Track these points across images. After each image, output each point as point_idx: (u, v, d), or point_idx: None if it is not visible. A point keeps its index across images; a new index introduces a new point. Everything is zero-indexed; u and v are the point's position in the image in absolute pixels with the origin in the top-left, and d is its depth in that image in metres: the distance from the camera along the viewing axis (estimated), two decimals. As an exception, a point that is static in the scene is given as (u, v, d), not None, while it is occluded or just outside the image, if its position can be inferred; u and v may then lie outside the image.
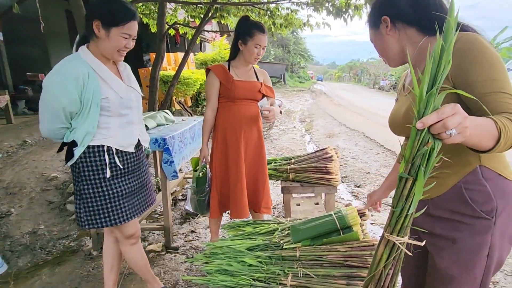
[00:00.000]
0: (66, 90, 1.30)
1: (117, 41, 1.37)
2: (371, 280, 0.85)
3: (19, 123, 5.42)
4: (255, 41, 1.90)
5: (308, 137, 6.90)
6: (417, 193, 0.71)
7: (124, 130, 1.49)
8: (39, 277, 2.09)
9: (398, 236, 0.76)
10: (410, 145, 0.70)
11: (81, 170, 1.42)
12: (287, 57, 30.84)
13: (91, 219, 1.46)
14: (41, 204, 3.03)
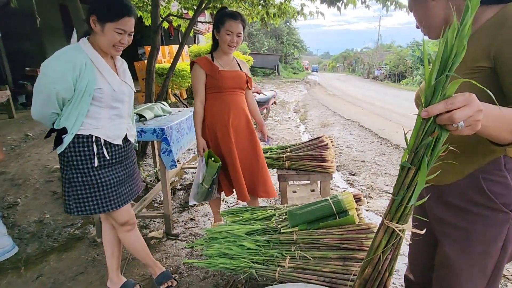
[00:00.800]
0: (63, 76, 1.30)
1: (111, 36, 1.36)
2: (369, 263, 0.84)
3: (20, 117, 5.34)
4: (226, 27, 1.88)
5: (303, 127, 6.89)
6: (420, 183, 0.67)
7: (113, 123, 1.48)
8: (47, 263, 2.09)
9: (398, 224, 0.74)
10: (414, 134, 0.66)
11: (70, 159, 1.41)
12: (280, 48, 30.45)
13: (80, 206, 1.46)
14: (45, 194, 3.01)
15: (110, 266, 1.75)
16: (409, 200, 0.72)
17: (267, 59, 23.69)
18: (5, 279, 1.95)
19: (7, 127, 4.71)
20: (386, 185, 3.33)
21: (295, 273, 1.24)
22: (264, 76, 22.64)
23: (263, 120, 2.20)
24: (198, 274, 1.90)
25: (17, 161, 3.60)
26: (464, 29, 0.58)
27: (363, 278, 0.87)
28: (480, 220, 0.82)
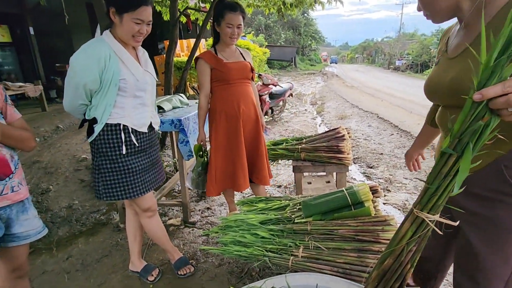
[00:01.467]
0: (89, 68, 1.33)
1: (129, 27, 1.37)
2: (391, 254, 0.79)
3: (52, 110, 5.58)
4: (226, 20, 1.84)
5: (320, 119, 6.75)
6: (462, 171, 0.61)
7: (137, 111, 1.51)
8: (76, 245, 2.20)
9: (429, 214, 0.68)
10: (461, 119, 0.60)
11: (100, 147, 1.46)
12: (298, 39, 29.70)
13: (108, 192, 1.51)
14: (74, 182, 3.14)
15: (132, 250, 1.80)
16: (444, 190, 0.65)
17: (284, 51, 23.29)
18: (39, 258, 2.06)
19: (40, 119, 4.94)
20: (406, 178, 3.20)
21: (309, 262, 1.21)
22: (280, 68, 22.33)
23: (261, 111, 2.16)
24: (213, 261, 1.92)
25: (49, 151, 3.77)
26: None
27: (382, 269, 0.81)
28: (505, 207, 0.78)
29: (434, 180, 0.66)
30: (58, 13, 6.52)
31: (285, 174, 3.40)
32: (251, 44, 12.03)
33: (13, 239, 1.18)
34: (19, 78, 6.70)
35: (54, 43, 7.73)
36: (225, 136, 2.01)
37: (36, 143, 1.22)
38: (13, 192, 1.14)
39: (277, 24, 27.83)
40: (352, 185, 1.43)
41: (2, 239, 1.15)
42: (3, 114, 1.15)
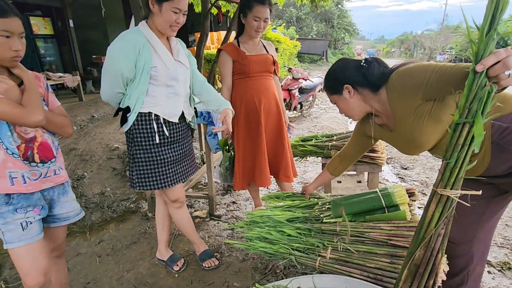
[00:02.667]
0: (126, 56, 1.38)
1: (168, 16, 1.40)
2: (421, 244, 0.76)
3: (88, 100, 5.91)
4: (254, 13, 1.81)
5: (351, 115, 6.55)
6: (477, 136, 0.68)
7: (169, 101, 1.54)
8: (107, 231, 2.33)
9: (452, 190, 0.72)
10: (467, 90, 0.69)
11: (134, 136, 1.52)
12: (330, 32, 28.75)
13: (142, 182, 1.57)
14: (107, 170, 3.32)
15: (160, 238, 1.87)
16: (463, 162, 0.70)
17: (315, 44, 22.75)
18: (74, 240, 2.21)
19: (77, 109, 5.26)
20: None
21: (337, 264, 1.18)
22: (311, 62, 21.87)
23: (284, 107, 2.12)
24: (238, 256, 1.94)
25: (84, 139, 4.01)
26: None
27: (414, 264, 0.78)
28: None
29: (452, 153, 0.71)
30: (95, 6, 6.86)
31: (313, 171, 3.35)
32: (282, 37, 11.89)
33: (54, 220, 1.28)
34: (59, 69, 7.16)
35: (91, 35, 8.15)
36: (246, 130, 2.01)
37: (73, 129, 1.30)
38: (55, 175, 1.24)
39: (309, 16, 27.20)
40: (387, 187, 1.37)
41: (45, 220, 1.25)
42: (45, 101, 1.23)
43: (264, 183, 2.02)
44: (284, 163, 2.07)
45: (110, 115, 5.26)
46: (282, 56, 11.05)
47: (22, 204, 1.13)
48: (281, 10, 25.57)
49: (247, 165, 2.07)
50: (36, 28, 6.93)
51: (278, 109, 2.05)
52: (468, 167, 0.72)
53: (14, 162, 1.10)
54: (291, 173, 2.11)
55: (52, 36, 7.43)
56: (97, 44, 8.18)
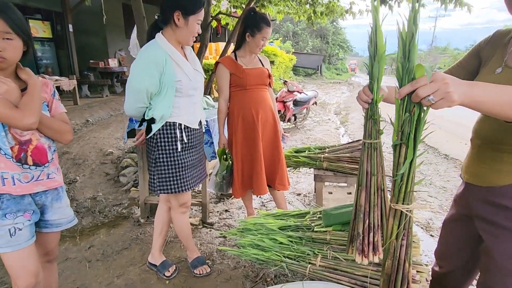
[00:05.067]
0: (149, 73, 1.45)
1: (193, 28, 1.50)
2: (387, 255, 0.83)
3: (83, 104, 5.90)
4: (263, 34, 1.96)
5: (343, 129, 6.66)
6: (408, 157, 0.75)
7: (190, 109, 1.62)
8: (98, 236, 2.31)
9: (403, 205, 0.78)
10: (397, 115, 0.75)
11: (158, 141, 1.57)
12: (325, 48, 29.46)
13: (163, 185, 1.61)
14: (99, 175, 3.31)
15: (155, 243, 1.88)
16: (408, 178, 0.76)
17: (310, 58, 23.19)
18: (63, 245, 2.19)
19: (72, 112, 5.24)
20: (430, 196, 3.10)
21: (326, 272, 1.22)
22: (306, 76, 22.25)
23: (278, 118, 2.21)
24: (229, 263, 1.96)
25: (78, 143, 4.00)
26: (411, 22, 0.69)
27: (386, 274, 0.85)
28: None
29: (397, 171, 0.78)
30: (96, 12, 6.92)
31: (305, 182, 3.40)
32: (278, 51, 12.13)
33: (46, 225, 1.27)
34: (55, 72, 7.15)
35: (89, 41, 8.19)
36: (243, 140, 2.07)
37: (72, 137, 1.31)
38: (48, 179, 1.22)
39: (305, 31, 27.86)
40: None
41: (37, 224, 1.24)
42: (49, 107, 1.25)
43: (261, 191, 2.06)
44: (279, 172, 2.13)
45: (105, 120, 5.26)
46: (278, 69, 11.23)
47: (11, 209, 1.12)
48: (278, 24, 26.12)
49: (246, 174, 2.12)
50: (34, 31, 6.95)
51: (275, 120, 2.12)
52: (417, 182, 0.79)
53: (6, 162, 1.10)
54: (286, 181, 2.16)
55: (50, 40, 7.44)
56: (96, 50, 8.22)
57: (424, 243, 2.15)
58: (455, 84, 0.64)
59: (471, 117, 1.03)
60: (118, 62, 7.69)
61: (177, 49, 1.54)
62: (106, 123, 4.99)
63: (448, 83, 0.63)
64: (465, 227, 1.01)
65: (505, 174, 0.83)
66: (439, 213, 2.72)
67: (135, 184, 3.04)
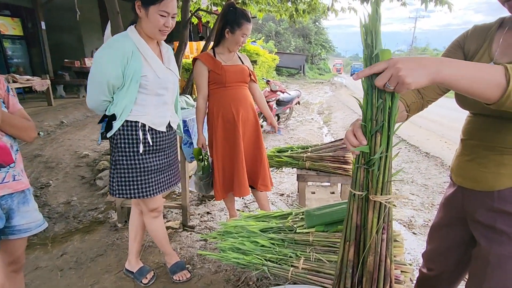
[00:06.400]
0: (113, 64, 1.35)
1: (155, 20, 1.38)
2: (369, 251, 0.81)
3: (57, 105, 5.64)
4: (243, 30, 1.89)
5: (326, 129, 6.72)
6: (383, 143, 0.73)
7: (158, 110, 1.52)
8: (71, 242, 2.19)
9: (382, 196, 0.77)
10: (365, 103, 0.74)
11: (118, 142, 1.47)
12: (307, 48, 29.74)
13: (122, 189, 1.51)
14: (74, 178, 3.15)
15: (131, 249, 1.79)
16: (384, 168, 0.75)
17: (293, 58, 23.37)
18: (33, 253, 2.05)
19: (45, 114, 4.99)
20: (412, 194, 3.15)
21: (309, 275, 1.19)
22: (289, 75, 22.40)
23: (270, 112, 2.18)
24: (210, 267, 1.89)
25: (51, 145, 3.80)
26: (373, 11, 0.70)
27: (368, 272, 0.81)
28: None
29: (374, 162, 0.76)
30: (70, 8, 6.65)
31: (289, 182, 3.38)
32: (261, 50, 12.10)
33: (13, 231, 1.17)
34: (27, 72, 6.80)
35: (64, 39, 7.86)
36: (223, 140, 2.01)
37: (37, 134, 1.22)
38: (14, 181, 1.14)
39: (287, 31, 28.02)
40: (358, 197, 1.40)
41: (3, 232, 1.14)
42: (5, 103, 1.16)
43: (242, 193, 2.00)
44: (262, 172, 2.08)
45: (80, 121, 5.04)
46: (260, 69, 11.21)
47: None
48: (260, 24, 26.13)
49: (227, 176, 2.06)
50: (3, 28, 6.59)
51: (256, 118, 2.07)
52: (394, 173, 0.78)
53: None
54: (269, 181, 2.12)
55: (21, 38, 7.08)
56: (71, 48, 7.89)
57: (407, 242, 2.17)
58: (410, 67, 0.62)
59: (451, 116, 1.02)
60: (95, 61, 7.41)
61: (150, 44, 1.46)
62: (82, 124, 4.78)
63: (399, 68, 0.62)
64: (456, 230, 0.98)
65: (505, 177, 0.79)
66: (420, 211, 2.76)
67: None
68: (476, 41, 0.90)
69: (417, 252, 2.11)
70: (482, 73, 0.63)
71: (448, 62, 0.64)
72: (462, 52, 0.93)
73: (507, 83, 0.61)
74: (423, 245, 2.21)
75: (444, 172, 3.81)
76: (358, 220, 0.84)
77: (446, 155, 4.44)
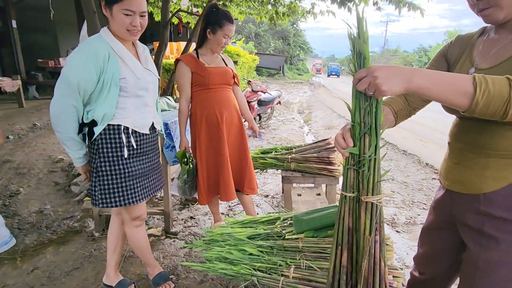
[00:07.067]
0: (85, 66, 1.25)
1: (120, 19, 1.27)
2: (363, 255, 0.78)
3: (30, 107, 5.27)
4: (225, 31, 1.82)
5: (307, 128, 6.73)
6: (372, 142, 0.76)
7: (139, 111, 1.42)
8: (44, 255, 1.99)
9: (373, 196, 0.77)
10: (354, 106, 0.77)
11: (100, 148, 1.36)
12: (286, 49, 30.02)
13: (105, 198, 1.39)
14: (47, 184, 2.92)
15: (110, 261, 1.65)
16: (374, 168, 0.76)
17: (273, 59, 23.45)
18: (0, 269, 1.84)
19: (16, 116, 4.64)
20: (393, 191, 3.17)
21: (300, 285, 1.11)
22: (269, 76, 22.44)
23: (252, 116, 2.11)
24: (195, 277, 1.78)
25: (23, 150, 3.51)
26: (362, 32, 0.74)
27: (363, 277, 0.78)
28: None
29: (364, 163, 0.77)
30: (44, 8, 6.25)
31: (273, 183, 3.30)
32: (241, 51, 12.01)
33: None
34: (-4, 72, 6.33)
35: (38, 38, 7.39)
36: (208, 143, 1.92)
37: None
38: None
39: (267, 33, 28.10)
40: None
41: None
42: None
43: (229, 197, 1.92)
44: (248, 175, 2.00)
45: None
46: (241, 69, 11.12)
47: None
48: (240, 25, 26.03)
49: (211, 179, 1.97)
50: (-31, 26, 6.08)
51: (240, 120, 1.99)
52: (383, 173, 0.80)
53: None
54: (255, 184, 2.04)
55: (-10, 36, 6.58)
56: (45, 48, 7.44)
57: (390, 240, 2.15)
58: (385, 75, 0.67)
59: (428, 115, 0.99)
60: (70, 61, 7.01)
61: (125, 45, 1.36)
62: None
63: (376, 76, 0.67)
64: (446, 234, 0.96)
65: (491, 180, 0.78)
66: (402, 208, 2.77)
67: (89, 194, 2.72)
68: (458, 49, 0.92)
69: (402, 251, 2.10)
70: (452, 83, 0.67)
71: (421, 72, 0.68)
72: (445, 60, 0.95)
73: (474, 91, 0.64)
74: (407, 243, 2.21)
75: (421, 169, 3.88)
76: (350, 222, 0.82)
77: (423, 153, 4.54)
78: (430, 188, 3.23)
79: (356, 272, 0.80)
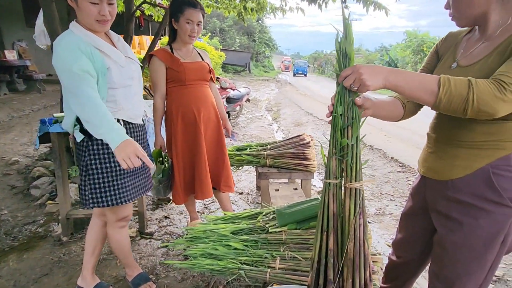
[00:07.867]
0: (75, 53, 1.18)
1: (87, 9, 1.21)
2: (348, 238, 0.84)
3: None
4: (186, 16, 1.74)
5: (276, 125, 6.88)
6: (354, 133, 0.84)
7: (130, 101, 1.38)
8: (6, 264, 1.85)
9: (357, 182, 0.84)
10: (337, 99, 0.86)
11: (90, 144, 1.30)
12: (252, 45, 30.03)
13: (96, 198, 1.34)
14: (2, 189, 2.69)
15: (86, 264, 1.59)
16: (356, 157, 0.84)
17: (239, 56, 23.35)
18: (-47, 284, 1.69)
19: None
20: (373, 176, 3.38)
21: (287, 274, 1.19)
22: (235, 73, 22.37)
23: (226, 114, 2.12)
24: (176, 275, 1.78)
25: (-33, 151, 3.18)
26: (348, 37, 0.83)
27: (349, 258, 0.84)
28: (485, 215, 0.85)
29: (347, 152, 0.85)
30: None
31: (247, 180, 3.37)
32: (207, 46, 11.82)
33: None
34: None
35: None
36: (184, 141, 1.90)
37: None
38: None
39: (232, 28, 27.88)
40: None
41: None
42: None
43: (205, 195, 1.92)
44: (225, 173, 2.01)
45: (5, 123, 4.31)
46: (208, 65, 10.94)
47: None
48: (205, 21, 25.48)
49: (188, 178, 1.95)
50: None
51: (218, 118, 1.99)
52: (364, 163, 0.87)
53: None
54: (232, 182, 2.06)
55: None
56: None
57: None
58: (368, 72, 0.77)
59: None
60: (17, 54, 6.37)
61: (99, 36, 1.31)
62: (7, 126, 4.10)
63: (361, 73, 0.77)
64: (421, 220, 1.06)
65: (459, 168, 0.88)
66: (372, 200, 3.00)
67: (51, 197, 2.55)
68: (448, 45, 1.01)
69: (374, 239, 2.28)
70: (421, 82, 0.77)
71: (396, 71, 0.79)
72: (437, 56, 1.05)
73: (438, 90, 0.75)
74: (377, 232, 2.41)
75: (387, 163, 4.18)
76: (334, 208, 0.88)
77: (387, 148, 4.87)
78: (396, 181, 3.51)
79: (342, 255, 0.88)
